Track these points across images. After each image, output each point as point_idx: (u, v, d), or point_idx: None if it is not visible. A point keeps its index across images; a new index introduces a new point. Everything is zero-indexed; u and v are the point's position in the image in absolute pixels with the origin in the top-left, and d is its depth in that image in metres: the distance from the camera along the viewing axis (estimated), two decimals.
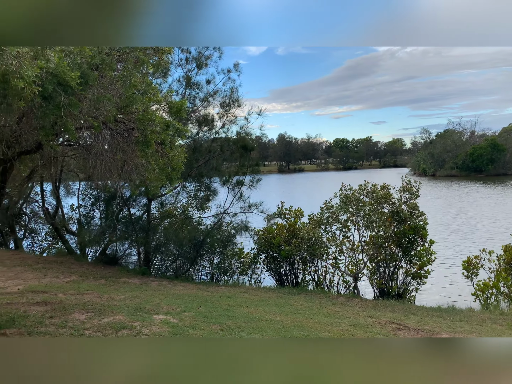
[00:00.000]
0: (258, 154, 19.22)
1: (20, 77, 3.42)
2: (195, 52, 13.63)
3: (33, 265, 11.07)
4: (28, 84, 3.42)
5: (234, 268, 12.62)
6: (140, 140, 5.04)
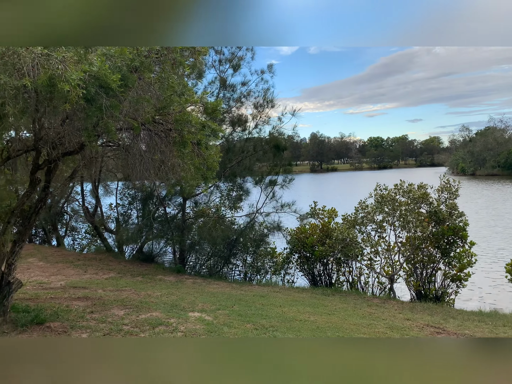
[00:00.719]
0: (290, 154, 19.16)
1: (66, 81, 3.56)
2: (228, 53, 13.78)
3: (74, 261, 11.53)
4: (73, 87, 3.56)
5: (267, 268, 12.65)
6: (177, 140, 5.14)
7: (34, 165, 5.12)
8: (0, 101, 3.68)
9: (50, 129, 4.97)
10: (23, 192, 13.78)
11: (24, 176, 8.03)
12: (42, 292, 7.17)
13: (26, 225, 5.31)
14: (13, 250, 5.07)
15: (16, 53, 3.66)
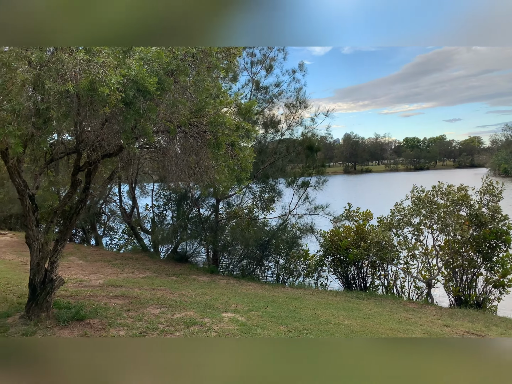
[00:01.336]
0: (323, 155, 18.97)
1: (105, 85, 3.68)
2: (259, 55, 13.81)
3: (111, 260, 11.88)
4: (112, 91, 3.67)
5: (300, 270, 12.55)
6: (212, 142, 5.19)
7: (75, 167, 5.31)
8: (45, 105, 3.85)
9: (91, 132, 5.14)
10: (64, 193, 14.39)
11: (65, 177, 8.36)
12: (82, 290, 7.43)
13: (68, 224, 5.52)
14: (56, 248, 5.28)
15: (60, 59, 3.81)
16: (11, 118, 3.69)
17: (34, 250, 5.08)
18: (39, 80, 3.81)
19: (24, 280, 7.60)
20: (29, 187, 5.06)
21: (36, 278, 5.10)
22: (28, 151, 5.31)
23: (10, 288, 6.94)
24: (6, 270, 8.93)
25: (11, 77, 3.85)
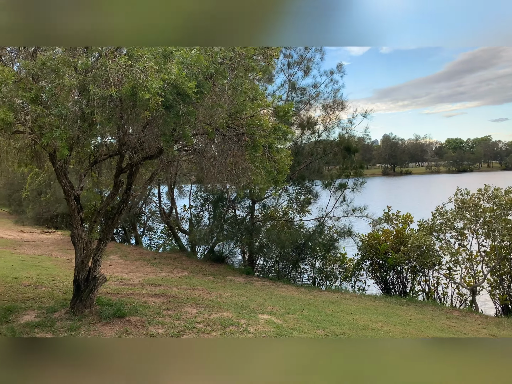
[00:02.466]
0: (361, 156, 18.63)
1: (146, 89, 3.77)
2: (296, 56, 13.75)
3: (151, 260, 12.20)
4: (153, 95, 3.76)
5: (337, 274, 12.35)
6: (249, 144, 5.22)
7: (118, 169, 5.49)
8: (90, 110, 4.00)
9: (132, 135, 5.29)
10: (106, 194, 14.90)
11: (108, 179, 8.67)
12: (123, 288, 7.66)
13: (110, 224, 5.71)
14: (99, 247, 5.48)
15: (104, 65, 3.96)
16: (59, 122, 3.86)
17: (79, 249, 5.30)
18: (84, 86, 3.97)
19: (69, 277, 7.94)
20: (74, 187, 5.28)
21: (80, 275, 5.31)
22: (73, 153, 5.55)
23: (56, 284, 7.27)
24: (52, 267, 9.37)
25: (59, 83, 4.04)
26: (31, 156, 5.95)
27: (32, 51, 4.48)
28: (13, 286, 6.71)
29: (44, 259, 10.59)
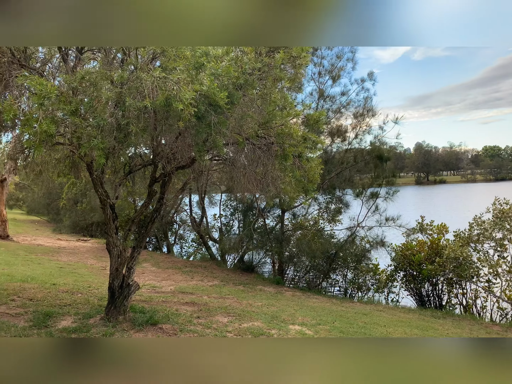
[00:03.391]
0: (393, 165, 18.29)
1: (180, 100, 3.86)
2: (327, 64, 13.72)
3: (182, 268, 12.36)
4: (186, 106, 3.85)
5: (369, 285, 12.08)
6: (279, 153, 5.22)
7: (152, 178, 5.62)
8: (125, 121, 4.13)
9: (166, 145, 5.41)
10: (138, 203, 15.21)
11: (141, 188, 8.88)
12: (155, 296, 7.79)
13: (143, 232, 5.84)
14: (132, 255, 5.60)
15: (139, 78, 4.09)
16: (96, 132, 4.00)
17: (114, 256, 5.43)
18: (120, 98, 4.11)
19: (104, 284, 8.15)
20: (110, 197, 5.44)
21: (115, 282, 5.44)
22: (109, 163, 5.73)
23: (91, 291, 7.48)
24: (88, 274, 9.65)
25: (97, 96, 4.19)
26: (69, 167, 6.19)
27: (72, 66, 4.69)
28: (51, 292, 6.95)
29: (80, 266, 10.93)
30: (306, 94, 13.78)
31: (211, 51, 4.51)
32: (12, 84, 4.33)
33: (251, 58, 4.65)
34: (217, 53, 4.61)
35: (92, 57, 5.41)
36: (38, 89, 3.53)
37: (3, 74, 4.28)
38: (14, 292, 6.57)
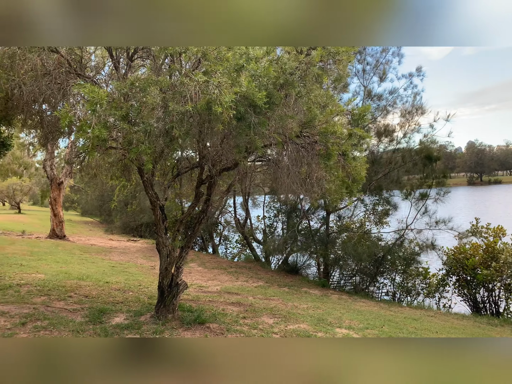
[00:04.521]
0: (443, 165, 17.55)
1: (219, 104, 3.92)
2: (371, 60, 13.40)
3: (227, 268, 12.52)
4: (225, 109, 3.89)
5: (419, 289, 11.64)
6: (322, 152, 5.16)
7: (199, 180, 5.75)
8: (170, 125, 4.26)
9: (211, 148, 5.52)
10: (186, 204, 15.58)
11: (188, 190, 9.10)
12: (202, 295, 7.94)
13: (191, 233, 5.98)
14: (181, 255, 5.75)
15: (183, 83, 4.19)
16: (144, 138, 4.15)
17: (163, 256, 5.60)
18: (165, 103, 4.24)
19: (153, 283, 8.43)
20: (159, 198, 5.62)
21: (164, 281, 5.61)
22: (158, 166, 5.93)
23: (142, 290, 7.75)
24: (138, 273, 10.02)
25: (145, 101, 4.35)
26: (121, 170, 6.46)
27: (123, 74, 4.91)
28: (105, 290, 7.28)
29: (130, 265, 11.38)
30: (352, 92, 13.54)
31: (251, 52, 4.54)
32: (69, 92, 4.60)
33: (291, 57, 4.63)
34: (257, 54, 4.64)
35: (142, 63, 5.62)
36: (91, 96, 3.72)
37: (61, 83, 4.55)
38: (71, 289, 6.95)
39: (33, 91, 4.48)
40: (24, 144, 37.94)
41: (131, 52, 5.05)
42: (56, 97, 4.70)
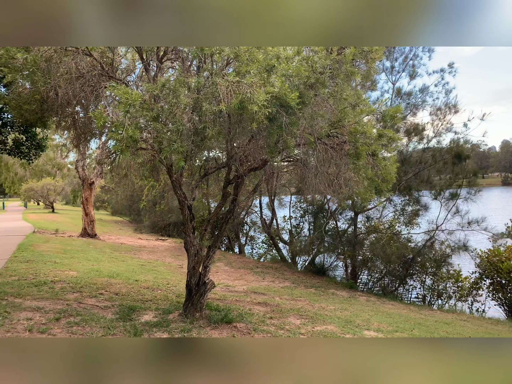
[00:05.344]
0: (475, 164, 17.01)
1: (254, 102, 3.93)
2: (400, 55, 13.11)
3: (253, 268, 12.55)
4: (259, 108, 3.90)
5: (450, 292, 11.30)
6: (351, 152, 5.09)
7: (226, 180, 5.78)
8: (202, 125, 4.30)
9: (239, 148, 5.53)
10: (212, 204, 15.67)
11: (215, 190, 9.17)
12: (229, 294, 7.99)
13: (218, 233, 6.02)
14: (208, 254, 5.80)
15: (214, 83, 4.23)
16: (175, 137, 4.20)
17: (191, 255, 5.67)
18: (197, 103, 4.28)
19: (181, 281, 8.55)
20: (187, 198, 5.69)
21: (192, 280, 5.67)
22: (186, 166, 6.00)
23: (170, 288, 7.87)
24: (166, 272, 10.18)
25: (176, 102, 4.41)
26: (150, 170, 6.59)
27: (153, 75, 4.99)
28: (134, 288, 7.43)
29: (159, 264, 11.57)
30: (380, 90, 13.31)
31: (282, 52, 4.53)
32: (101, 94, 4.72)
33: (321, 56, 4.59)
34: (288, 54, 4.62)
35: (171, 65, 5.71)
36: (124, 97, 3.80)
37: (94, 85, 4.68)
38: (102, 287, 7.13)
39: (67, 93, 4.62)
40: (57, 145, 39.37)
41: (161, 54, 5.13)
42: (89, 99, 4.83)
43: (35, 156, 7.71)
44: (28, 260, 8.96)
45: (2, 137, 7.31)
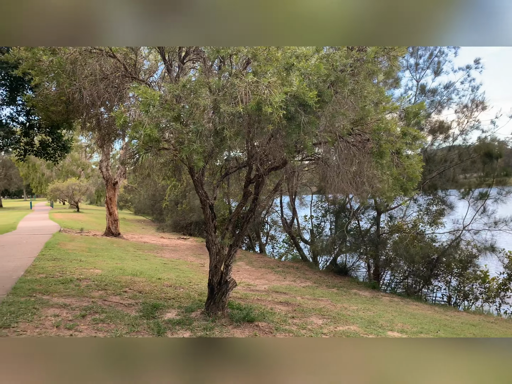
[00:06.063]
0: (504, 163, 16.50)
1: (269, 104, 3.91)
2: (424, 52, 12.84)
3: (274, 268, 12.53)
4: (275, 109, 3.87)
5: (477, 293, 11.00)
6: (374, 150, 5.00)
7: (247, 180, 5.79)
8: (221, 126, 4.31)
9: (259, 147, 5.53)
10: (233, 204, 15.73)
11: (236, 189, 9.20)
12: (250, 293, 8.00)
13: (239, 232, 6.03)
14: (230, 253, 5.82)
15: (233, 84, 4.23)
16: (195, 137, 4.23)
17: (213, 254, 5.70)
18: (216, 104, 4.30)
19: (203, 280, 8.61)
20: (209, 197, 5.73)
21: (214, 279, 5.71)
22: (207, 166, 6.04)
23: (192, 287, 7.94)
24: (188, 270, 10.28)
25: (196, 103, 4.44)
26: (172, 170, 6.66)
27: (175, 76, 5.04)
28: (157, 286, 7.53)
29: (181, 262, 11.70)
30: (404, 87, 13.08)
31: (299, 50, 4.49)
32: (125, 95, 4.80)
33: (342, 54, 4.53)
34: (307, 52, 4.57)
35: (192, 66, 5.75)
36: (144, 97, 3.85)
37: (117, 86, 4.76)
38: (126, 285, 7.26)
39: (91, 94, 4.72)
40: (81, 146, 40.33)
41: (182, 54, 5.18)
42: (113, 100, 4.92)
43: (60, 157, 7.92)
44: (54, 258, 9.21)
45: (29, 139, 7.53)
